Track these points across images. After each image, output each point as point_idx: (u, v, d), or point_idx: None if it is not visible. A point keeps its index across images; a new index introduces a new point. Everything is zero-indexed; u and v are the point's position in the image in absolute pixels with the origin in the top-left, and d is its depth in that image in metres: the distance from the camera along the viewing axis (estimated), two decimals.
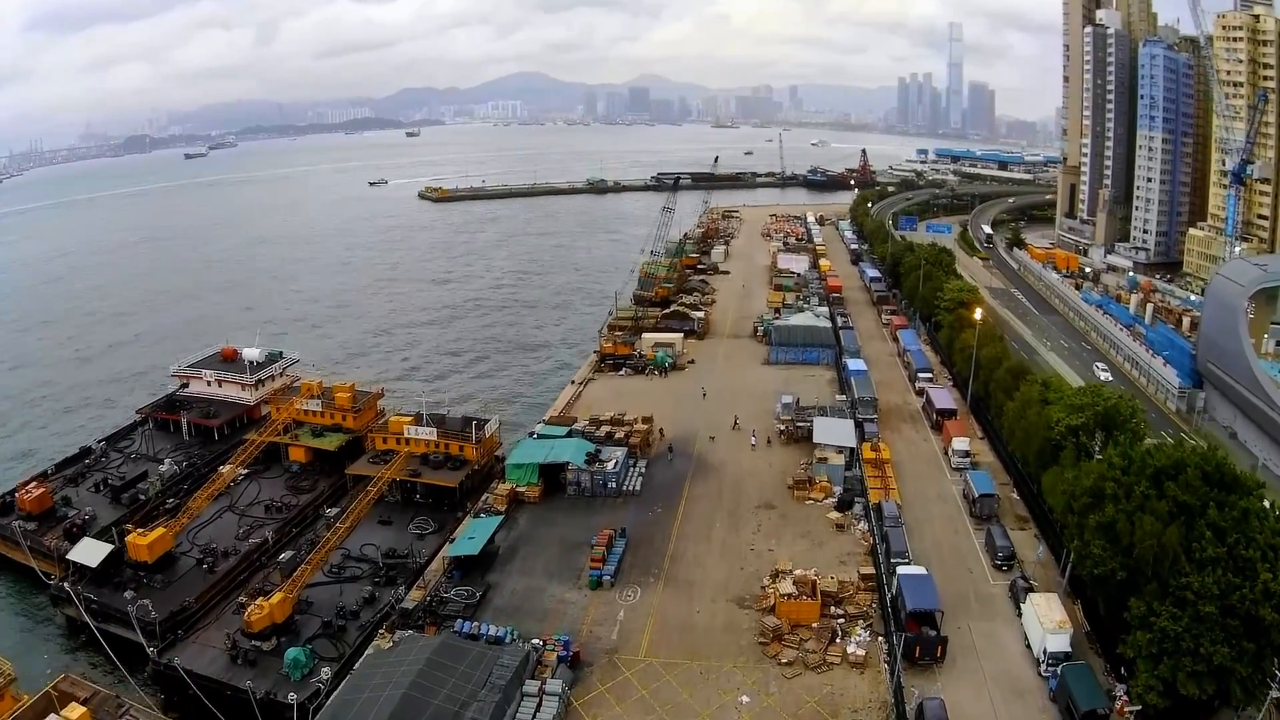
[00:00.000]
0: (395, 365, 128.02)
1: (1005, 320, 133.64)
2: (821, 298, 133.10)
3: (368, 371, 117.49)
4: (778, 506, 71.10)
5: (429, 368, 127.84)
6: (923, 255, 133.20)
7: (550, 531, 68.45)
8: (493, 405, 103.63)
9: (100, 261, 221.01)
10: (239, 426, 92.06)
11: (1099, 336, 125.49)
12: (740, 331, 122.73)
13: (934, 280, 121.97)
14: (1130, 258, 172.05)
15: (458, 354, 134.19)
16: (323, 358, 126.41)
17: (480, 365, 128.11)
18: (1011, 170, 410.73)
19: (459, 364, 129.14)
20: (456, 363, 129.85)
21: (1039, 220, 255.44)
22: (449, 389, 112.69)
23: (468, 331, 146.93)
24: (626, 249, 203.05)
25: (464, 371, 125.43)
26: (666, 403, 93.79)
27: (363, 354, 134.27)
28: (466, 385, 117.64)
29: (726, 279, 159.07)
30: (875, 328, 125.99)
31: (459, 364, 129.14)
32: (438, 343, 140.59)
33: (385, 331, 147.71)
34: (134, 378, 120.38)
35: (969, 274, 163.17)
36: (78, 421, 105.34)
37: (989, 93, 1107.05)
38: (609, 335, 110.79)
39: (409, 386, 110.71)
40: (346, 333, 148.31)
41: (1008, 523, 68.26)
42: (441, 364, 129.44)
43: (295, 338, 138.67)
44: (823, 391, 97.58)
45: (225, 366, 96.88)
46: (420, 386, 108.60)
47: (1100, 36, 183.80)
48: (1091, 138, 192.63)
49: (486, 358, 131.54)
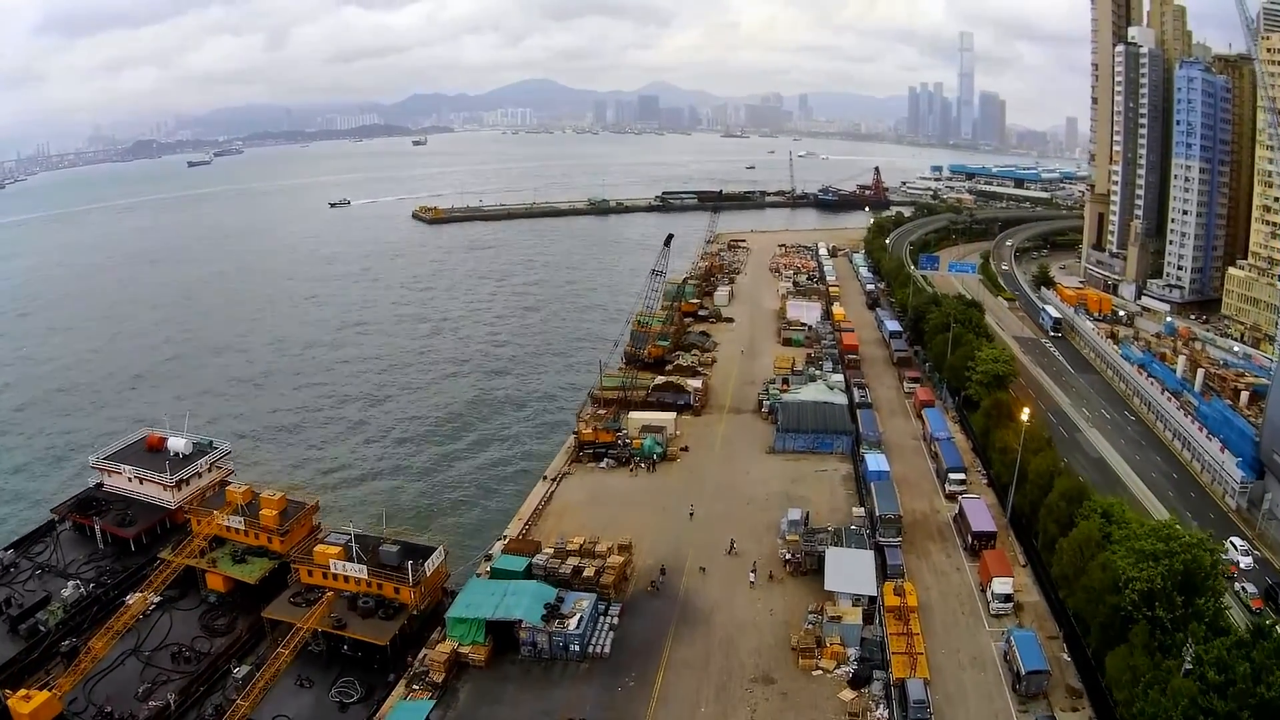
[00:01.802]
0: (342, 452, 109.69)
1: (1037, 381, 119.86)
2: (835, 360, 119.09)
3: (306, 468, 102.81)
4: (778, 680, 57.25)
5: (379, 460, 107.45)
6: (950, 311, 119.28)
7: (497, 713, 55.13)
8: (448, 509, 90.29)
9: (67, 293, 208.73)
10: (159, 534, 79.22)
11: (1142, 404, 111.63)
12: (743, 403, 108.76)
13: (964, 344, 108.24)
14: (1163, 296, 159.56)
15: (415, 440, 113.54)
16: (260, 438, 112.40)
17: (441, 450, 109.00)
18: (1028, 188, 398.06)
19: (415, 451, 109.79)
20: (411, 451, 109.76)
21: (1062, 247, 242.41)
22: (399, 491, 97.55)
23: (431, 407, 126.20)
24: (625, 285, 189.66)
25: (419, 460, 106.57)
26: (650, 514, 79.89)
27: (302, 432, 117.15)
28: (421, 482, 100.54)
29: (730, 329, 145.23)
30: (896, 397, 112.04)
31: (415, 451, 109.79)
32: (396, 419, 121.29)
33: (336, 406, 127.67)
34: (60, 460, 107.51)
35: (996, 320, 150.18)
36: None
37: (999, 103, 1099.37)
38: (590, 415, 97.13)
39: (349, 494, 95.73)
40: (289, 405, 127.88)
41: (1057, 699, 54.75)
42: (394, 455, 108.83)
43: (236, 406, 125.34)
44: (836, 495, 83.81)
45: (148, 460, 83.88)
46: (363, 493, 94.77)
47: (1133, 56, 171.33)
48: (1123, 165, 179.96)
49: (450, 441, 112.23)
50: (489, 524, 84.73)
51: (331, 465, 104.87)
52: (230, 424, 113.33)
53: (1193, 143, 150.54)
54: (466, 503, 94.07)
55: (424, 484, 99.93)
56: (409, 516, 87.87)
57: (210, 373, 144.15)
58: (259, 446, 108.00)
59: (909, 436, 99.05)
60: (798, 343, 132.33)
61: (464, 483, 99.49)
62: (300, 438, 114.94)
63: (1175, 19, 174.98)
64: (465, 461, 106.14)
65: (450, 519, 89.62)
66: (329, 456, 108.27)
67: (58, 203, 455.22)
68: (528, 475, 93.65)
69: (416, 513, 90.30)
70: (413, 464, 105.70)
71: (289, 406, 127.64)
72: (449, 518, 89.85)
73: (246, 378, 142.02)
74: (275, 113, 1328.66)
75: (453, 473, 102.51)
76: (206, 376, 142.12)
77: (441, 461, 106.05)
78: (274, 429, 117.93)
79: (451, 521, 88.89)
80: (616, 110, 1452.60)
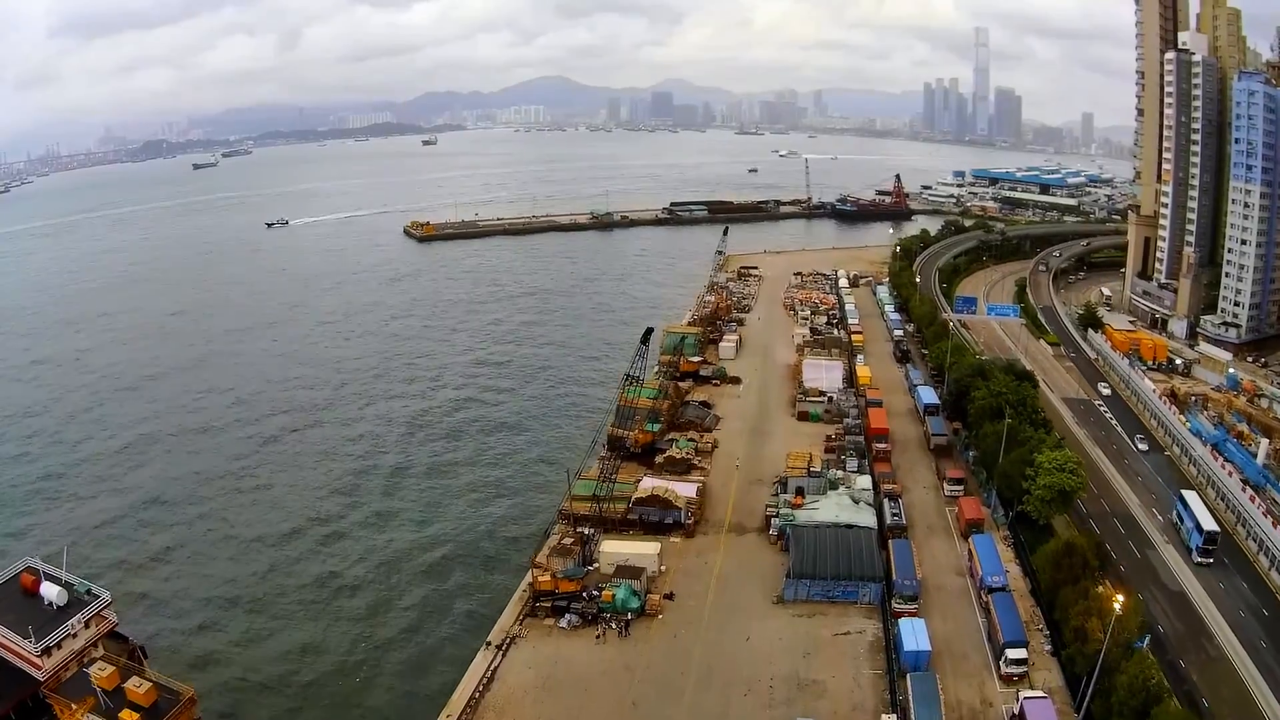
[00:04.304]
0: (236, 623, 78.83)
1: (1095, 465, 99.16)
2: (860, 453, 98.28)
3: (183, 627, 77.73)
4: None
5: (282, 629, 77.54)
6: (999, 391, 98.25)
7: None
8: (366, 693, 69.04)
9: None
10: (27, 713, 60.75)
11: (1219, 497, 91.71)
12: (747, 517, 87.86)
13: (1019, 440, 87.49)
14: (1219, 336, 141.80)
15: (327, 592, 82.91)
16: (153, 570, 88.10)
17: (358, 628, 77.26)
18: (1054, 194, 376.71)
19: (334, 619, 78.72)
20: (331, 618, 78.93)
21: (1098, 267, 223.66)
22: (309, 663, 72.63)
23: (360, 549, 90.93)
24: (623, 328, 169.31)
25: (337, 637, 75.98)
26: (616, 712, 60.31)
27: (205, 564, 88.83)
28: (325, 665, 72.43)
29: (737, 394, 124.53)
30: (934, 503, 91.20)
31: (334, 619, 78.72)
32: (311, 562, 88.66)
33: (242, 545, 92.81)
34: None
35: (1042, 376, 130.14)
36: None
37: (1015, 99, 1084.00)
38: (553, 550, 77.05)
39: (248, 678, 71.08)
40: (183, 541, 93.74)
41: None
42: (305, 632, 77.09)
43: (119, 531, 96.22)
44: (861, 680, 63.52)
45: (20, 607, 64.92)
46: (268, 674, 71.38)
47: (1185, 65, 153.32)
48: (1173, 186, 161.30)
49: (372, 616, 79.00)
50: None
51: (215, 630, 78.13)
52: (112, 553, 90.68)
53: (1253, 164, 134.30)
54: (383, 684, 70.43)
55: (352, 653, 74.21)
56: (323, 706, 67.63)
57: (103, 487, 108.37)
58: (153, 585, 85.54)
59: (952, 572, 78.48)
60: (815, 417, 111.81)
61: (381, 680, 70.86)
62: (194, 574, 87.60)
63: (1230, 23, 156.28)
64: (388, 624, 77.93)
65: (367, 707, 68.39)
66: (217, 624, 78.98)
67: (55, 210, 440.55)
68: (470, 636, 72.83)
69: (333, 705, 68.22)
70: (329, 641, 76.02)
71: (188, 530, 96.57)
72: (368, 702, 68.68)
73: (150, 489, 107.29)
74: (288, 112, 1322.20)
75: (367, 656, 73.74)
76: (103, 488, 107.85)
77: (355, 647, 75.11)
78: (165, 560, 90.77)
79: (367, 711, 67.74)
80: (630, 107, 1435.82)
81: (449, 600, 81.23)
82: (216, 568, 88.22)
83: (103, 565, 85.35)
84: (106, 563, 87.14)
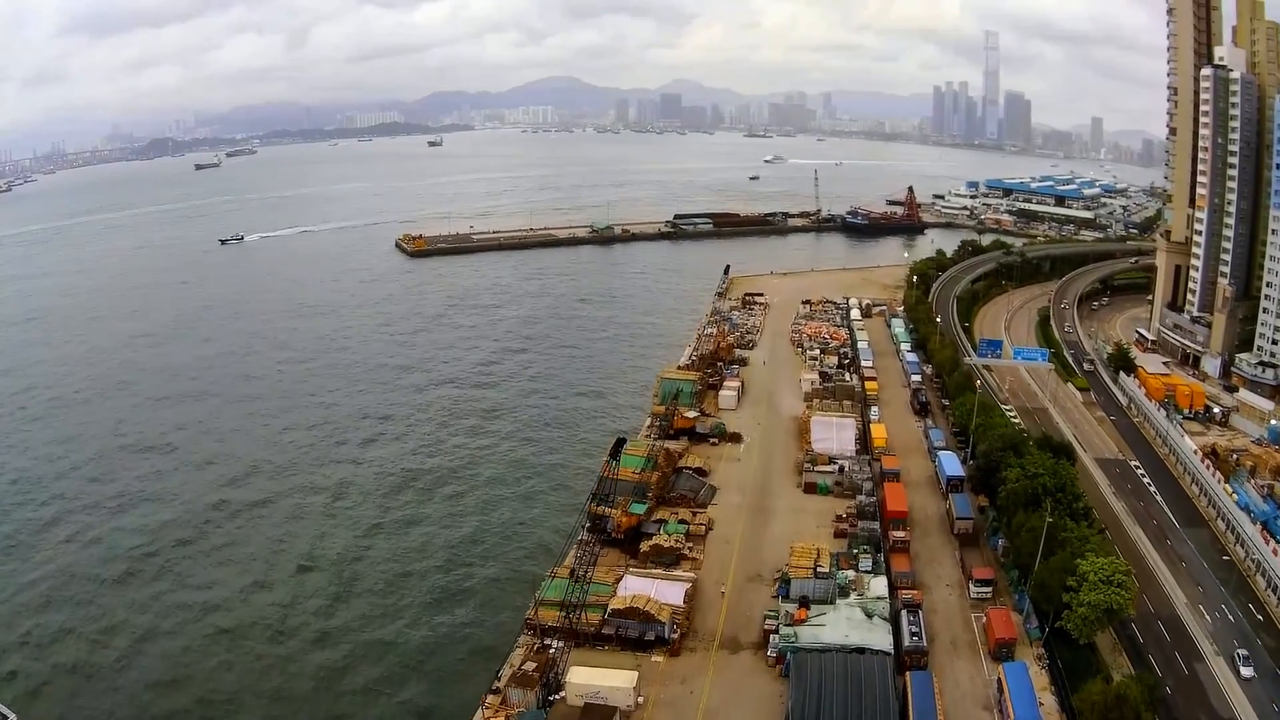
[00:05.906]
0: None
1: (1134, 547, 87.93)
2: (876, 544, 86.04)
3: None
4: None
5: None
6: (1035, 473, 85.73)
7: None
8: None
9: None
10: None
11: (1269, 587, 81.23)
12: (741, 629, 75.33)
13: (1059, 540, 75.25)
14: (1256, 377, 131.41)
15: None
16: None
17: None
18: (1070, 205, 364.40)
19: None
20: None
21: (1122, 290, 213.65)
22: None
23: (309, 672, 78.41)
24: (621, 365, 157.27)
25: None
26: None
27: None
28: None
29: (736, 457, 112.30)
30: (958, 609, 78.92)
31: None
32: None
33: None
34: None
35: (1072, 427, 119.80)
36: None
37: (1025, 102, 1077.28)
38: (512, 678, 65.30)
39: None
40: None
41: None
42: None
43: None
44: None
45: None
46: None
47: (1222, 81, 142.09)
48: (1208, 212, 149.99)
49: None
50: None
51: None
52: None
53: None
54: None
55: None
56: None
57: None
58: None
59: (978, 705, 66.37)
60: (824, 490, 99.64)
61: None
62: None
63: (1270, 37, 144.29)
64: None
65: None
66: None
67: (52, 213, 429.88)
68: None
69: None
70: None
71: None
72: None
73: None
74: (295, 111, 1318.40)
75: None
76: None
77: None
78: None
79: None
80: (639, 108, 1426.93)
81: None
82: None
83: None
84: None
